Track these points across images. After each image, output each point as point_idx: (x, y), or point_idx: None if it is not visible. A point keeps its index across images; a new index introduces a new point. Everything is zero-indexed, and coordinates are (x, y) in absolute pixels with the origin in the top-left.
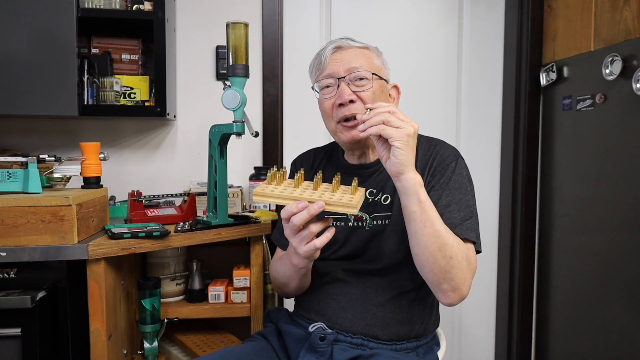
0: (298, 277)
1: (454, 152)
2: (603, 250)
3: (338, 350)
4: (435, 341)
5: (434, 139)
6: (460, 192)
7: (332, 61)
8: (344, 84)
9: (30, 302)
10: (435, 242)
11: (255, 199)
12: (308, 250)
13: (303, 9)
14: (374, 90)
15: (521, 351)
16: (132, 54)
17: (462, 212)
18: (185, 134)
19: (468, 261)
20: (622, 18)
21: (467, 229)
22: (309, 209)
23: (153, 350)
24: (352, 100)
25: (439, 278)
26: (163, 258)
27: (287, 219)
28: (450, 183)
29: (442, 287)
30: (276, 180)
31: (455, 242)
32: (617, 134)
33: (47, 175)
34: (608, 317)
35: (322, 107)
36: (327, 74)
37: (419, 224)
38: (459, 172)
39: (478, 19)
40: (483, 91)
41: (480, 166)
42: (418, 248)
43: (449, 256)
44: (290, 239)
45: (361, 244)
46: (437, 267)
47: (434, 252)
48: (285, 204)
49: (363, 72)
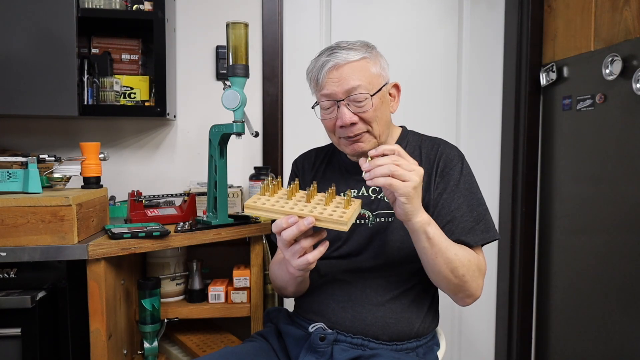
0: (295, 284)
1: (458, 152)
2: (603, 250)
3: (338, 350)
4: (435, 341)
5: (436, 139)
6: (471, 191)
7: (329, 81)
8: (344, 107)
9: (30, 302)
10: (447, 267)
11: (246, 211)
12: (300, 264)
13: (303, 9)
14: (375, 108)
15: (521, 351)
16: (132, 54)
17: (474, 212)
18: (185, 134)
19: (479, 270)
20: (622, 18)
21: (481, 231)
22: (299, 224)
23: (153, 350)
24: (354, 122)
25: (454, 291)
26: (163, 258)
27: (278, 233)
28: (460, 185)
29: (458, 296)
30: (269, 191)
31: (466, 260)
32: (617, 134)
33: (47, 175)
34: (608, 317)
35: (324, 124)
36: (326, 95)
37: (430, 257)
38: (467, 171)
39: (478, 19)
40: (483, 91)
41: (480, 166)
42: (432, 274)
43: (462, 275)
44: (283, 251)
45: (364, 241)
46: (451, 285)
47: (447, 275)
48: (276, 217)
49: (362, 94)
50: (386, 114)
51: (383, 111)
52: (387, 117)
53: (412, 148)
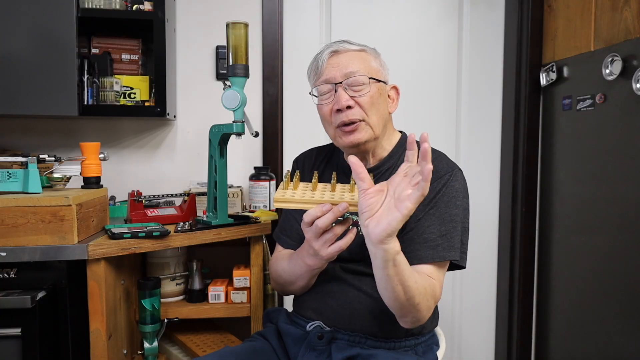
0: (308, 277)
1: (449, 164)
2: (603, 250)
3: (336, 348)
4: (435, 340)
5: (434, 151)
6: (448, 205)
7: (329, 66)
8: (341, 90)
9: (30, 302)
10: (405, 294)
11: (276, 205)
12: (332, 252)
13: (303, 9)
14: (371, 94)
15: (521, 351)
16: (132, 54)
17: (443, 226)
18: (185, 134)
19: (433, 296)
20: (622, 18)
21: (444, 248)
22: (334, 211)
23: (153, 350)
24: (350, 106)
25: (403, 315)
26: (163, 258)
27: (311, 222)
28: (438, 196)
29: (404, 319)
30: (292, 185)
31: (422, 288)
32: (617, 134)
33: (47, 175)
34: (608, 317)
35: (320, 113)
36: (324, 79)
37: (392, 282)
38: (452, 184)
39: (478, 19)
40: (483, 91)
41: (480, 166)
42: (388, 298)
43: (416, 303)
44: (311, 242)
45: (358, 249)
46: (404, 310)
47: (402, 301)
48: (307, 208)
49: (360, 77)
50: (384, 108)
51: (381, 104)
52: (385, 113)
53: None
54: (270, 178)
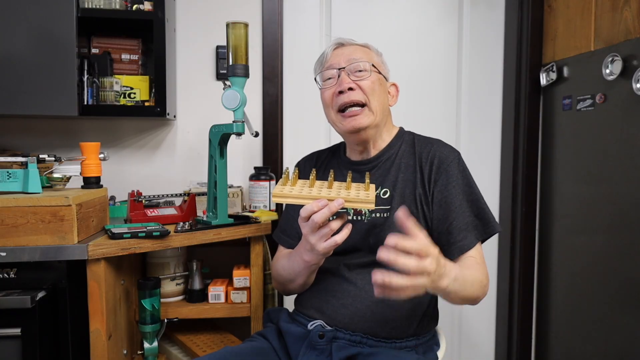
0: (307, 274)
1: (452, 150)
2: (603, 250)
3: (337, 347)
4: (435, 340)
5: (430, 138)
6: (470, 186)
7: (334, 55)
8: (344, 74)
9: (30, 302)
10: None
11: (274, 200)
12: (328, 246)
13: (303, 9)
14: (372, 80)
15: (521, 351)
16: (132, 54)
17: (474, 206)
18: (185, 134)
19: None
20: (622, 18)
21: (484, 224)
22: (330, 206)
23: (153, 350)
24: (352, 87)
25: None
26: (163, 258)
27: (307, 217)
28: (460, 181)
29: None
30: (290, 181)
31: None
32: (617, 134)
33: (47, 175)
34: (608, 317)
35: (323, 97)
36: (329, 66)
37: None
38: (463, 167)
39: (478, 19)
40: (483, 91)
41: (480, 166)
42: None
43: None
44: (308, 237)
45: (360, 237)
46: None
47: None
48: (305, 203)
49: (362, 63)
50: (384, 98)
51: (381, 93)
52: (385, 103)
53: (407, 146)
54: (270, 178)
